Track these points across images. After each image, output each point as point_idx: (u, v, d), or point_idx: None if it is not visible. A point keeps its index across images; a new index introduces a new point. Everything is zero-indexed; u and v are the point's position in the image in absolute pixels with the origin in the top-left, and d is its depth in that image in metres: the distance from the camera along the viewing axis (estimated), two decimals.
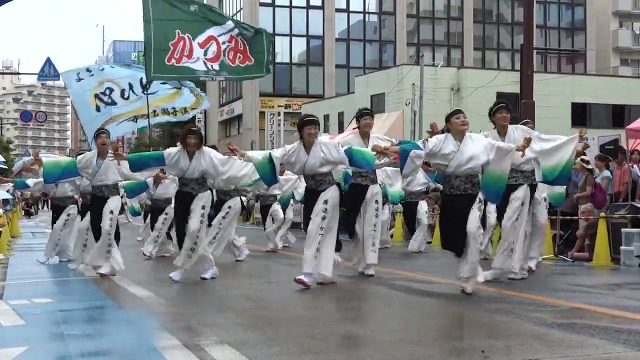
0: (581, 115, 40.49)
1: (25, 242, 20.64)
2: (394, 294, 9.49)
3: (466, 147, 9.02)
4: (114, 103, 16.84)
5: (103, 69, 17.14)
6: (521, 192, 10.37)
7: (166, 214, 15.47)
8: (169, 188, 14.85)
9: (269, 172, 10.27)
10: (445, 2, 59.01)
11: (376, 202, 11.29)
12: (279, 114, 50.79)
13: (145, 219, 18.52)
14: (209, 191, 11.22)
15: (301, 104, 53.17)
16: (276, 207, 17.18)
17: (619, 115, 38.74)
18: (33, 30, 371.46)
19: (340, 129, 42.56)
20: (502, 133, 10.46)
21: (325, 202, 9.95)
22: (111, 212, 11.69)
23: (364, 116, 11.41)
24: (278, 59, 57.31)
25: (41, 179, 13.14)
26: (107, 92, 16.81)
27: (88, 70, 17.17)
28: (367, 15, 58.79)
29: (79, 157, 12.05)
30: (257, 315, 7.99)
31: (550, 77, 39.15)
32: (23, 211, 40.30)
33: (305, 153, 10.04)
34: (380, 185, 11.95)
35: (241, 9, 57.54)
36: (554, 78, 40.20)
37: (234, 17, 59.17)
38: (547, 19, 60.03)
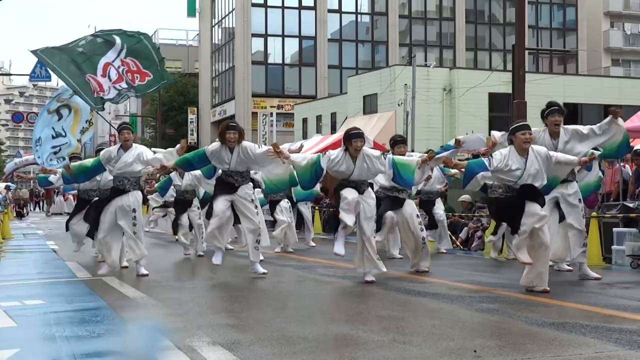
0: (573, 115, 40.50)
1: (17, 244, 20.58)
2: (387, 294, 9.50)
3: (532, 165, 9.15)
4: (63, 158, 16.72)
5: (37, 151, 16.99)
6: (573, 190, 10.57)
7: (198, 208, 15.45)
8: (198, 178, 14.76)
9: (310, 179, 10.69)
10: (437, 2, 58.96)
11: (417, 216, 11.93)
12: (271, 114, 50.68)
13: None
14: (251, 183, 11.44)
15: (293, 104, 53.15)
16: (285, 204, 16.82)
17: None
18: (24, 31, 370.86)
19: (333, 130, 42.55)
20: (554, 136, 10.35)
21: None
22: (134, 210, 11.69)
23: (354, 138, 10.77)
24: (270, 60, 57.28)
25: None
26: (54, 157, 16.77)
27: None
28: (359, 16, 58.70)
29: (101, 153, 12.17)
30: (250, 316, 7.99)
31: (542, 78, 39.19)
32: (15, 212, 40.13)
33: (352, 163, 10.33)
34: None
35: (233, 9, 57.46)
36: (546, 78, 40.24)
37: (220, 20, 59.30)
38: (539, 20, 60.01)
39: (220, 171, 11.53)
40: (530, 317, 7.42)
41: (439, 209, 15.88)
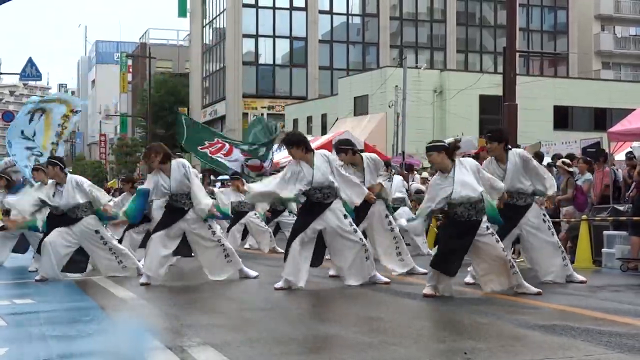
0: (563, 118, 40.65)
1: None
2: (377, 296, 9.49)
3: (460, 174, 8.92)
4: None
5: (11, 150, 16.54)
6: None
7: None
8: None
9: None
10: (428, 4, 59.07)
11: (387, 215, 11.79)
12: (262, 115, 50.76)
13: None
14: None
15: (284, 105, 53.17)
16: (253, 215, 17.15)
17: (600, 118, 38.92)
18: (14, 30, 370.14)
19: (324, 131, 42.55)
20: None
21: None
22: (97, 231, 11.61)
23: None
24: (261, 60, 57.27)
25: None
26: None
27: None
28: (350, 17, 58.77)
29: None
30: (240, 317, 7.98)
31: (532, 80, 39.28)
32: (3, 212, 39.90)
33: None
34: None
35: (224, 9, 57.44)
36: (537, 81, 40.33)
37: (211, 21, 59.33)
38: (530, 22, 60.15)
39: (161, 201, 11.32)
40: (520, 319, 7.42)
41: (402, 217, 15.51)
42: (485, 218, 9.02)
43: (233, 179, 16.65)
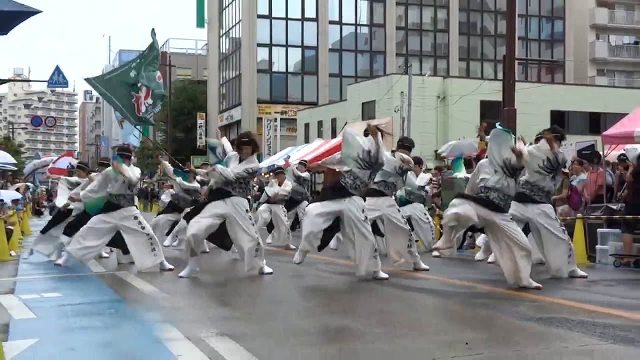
0: (560, 122, 40.34)
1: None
2: (384, 290, 9.50)
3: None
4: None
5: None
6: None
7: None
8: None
9: None
10: (432, 15, 58.97)
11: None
12: (275, 119, 50.72)
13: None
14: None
15: (296, 110, 53.12)
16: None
17: (595, 122, 38.73)
18: (43, 39, 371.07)
19: (334, 134, 42.49)
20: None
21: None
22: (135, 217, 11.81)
23: None
24: (275, 68, 57.26)
25: None
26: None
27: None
28: (358, 27, 58.69)
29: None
30: (256, 310, 8.00)
31: (530, 86, 39.12)
32: (33, 210, 40.09)
33: None
34: None
35: (240, 20, 57.48)
36: (535, 87, 40.18)
37: (227, 31, 59.43)
38: (528, 31, 59.99)
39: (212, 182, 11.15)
40: (519, 312, 7.43)
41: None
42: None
43: (277, 173, 17.33)
